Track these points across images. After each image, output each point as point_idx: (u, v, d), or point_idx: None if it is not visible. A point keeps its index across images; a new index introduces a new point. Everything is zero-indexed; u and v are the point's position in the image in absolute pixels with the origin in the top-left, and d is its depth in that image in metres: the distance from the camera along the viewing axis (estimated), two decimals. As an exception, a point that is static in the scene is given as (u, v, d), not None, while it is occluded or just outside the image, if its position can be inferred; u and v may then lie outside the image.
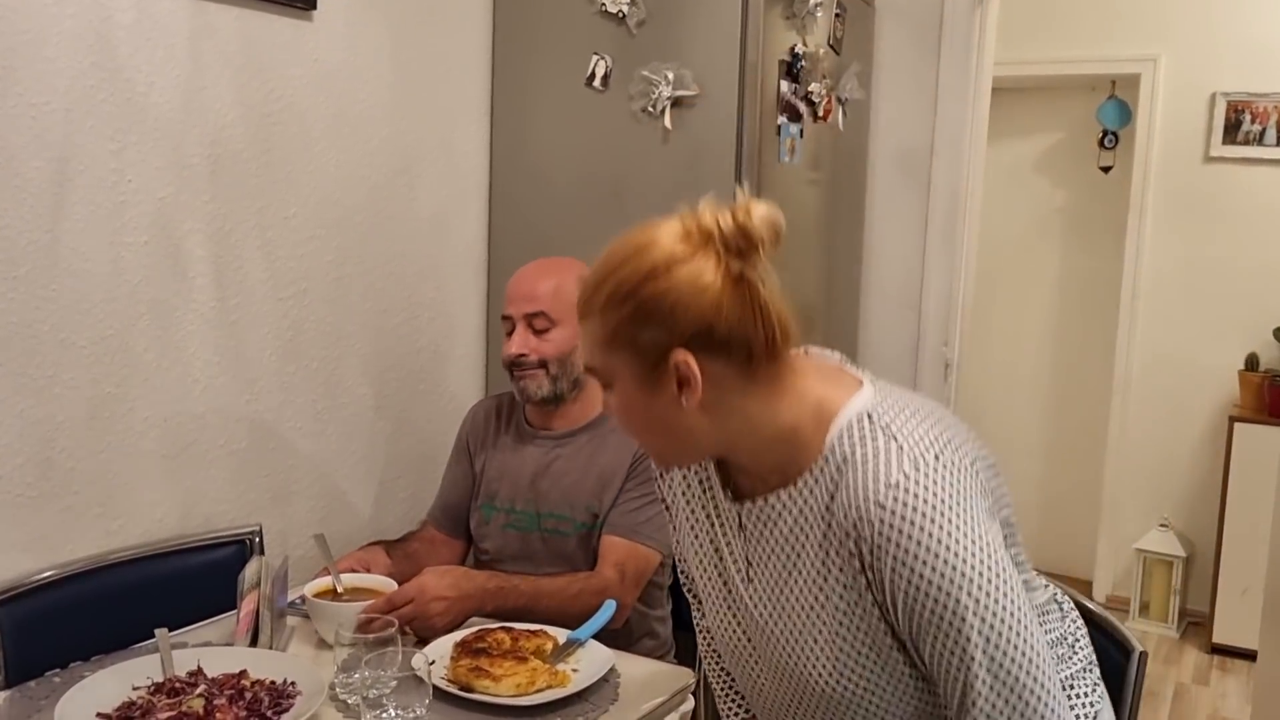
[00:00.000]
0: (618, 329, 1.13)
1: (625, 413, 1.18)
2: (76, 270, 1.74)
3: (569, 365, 2.02)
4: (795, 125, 2.47)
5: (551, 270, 2.05)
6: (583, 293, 1.17)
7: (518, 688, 1.55)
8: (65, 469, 1.76)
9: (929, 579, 1.06)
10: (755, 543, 1.23)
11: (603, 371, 1.17)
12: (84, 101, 1.73)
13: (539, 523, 2.06)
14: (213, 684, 1.48)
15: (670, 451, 1.23)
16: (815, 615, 1.18)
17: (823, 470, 1.14)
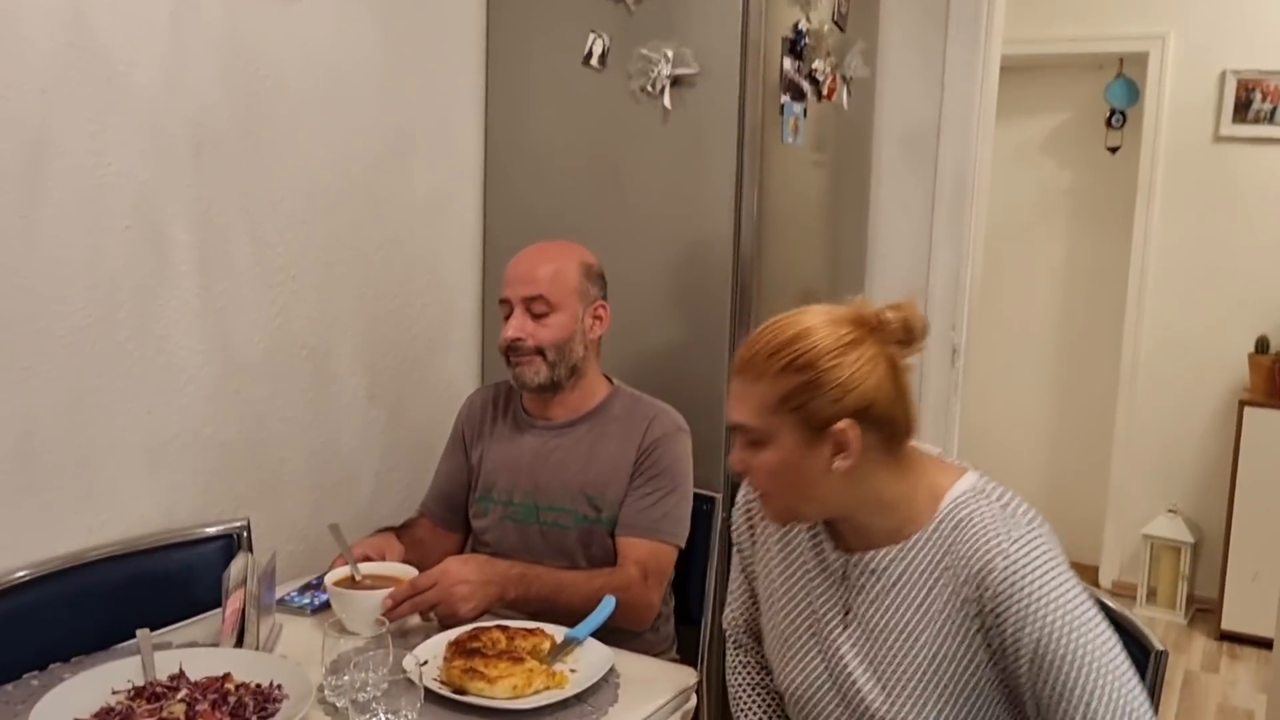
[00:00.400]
0: (791, 394, 1.26)
1: (776, 470, 1.30)
2: (54, 258, 1.67)
3: (567, 352, 1.96)
4: (799, 104, 2.40)
5: (552, 253, 1.99)
6: (752, 356, 1.30)
7: (514, 690, 1.49)
8: (45, 463, 1.70)
9: (1054, 622, 1.19)
10: (857, 592, 1.35)
11: (761, 430, 1.29)
12: (61, 82, 1.66)
13: (537, 515, 2.00)
14: (195, 688, 1.43)
15: (800, 509, 1.35)
16: (914, 660, 1.30)
17: (936, 530, 1.30)
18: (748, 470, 1.34)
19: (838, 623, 1.37)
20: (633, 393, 2.07)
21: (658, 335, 2.34)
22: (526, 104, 2.48)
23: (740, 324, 2.27)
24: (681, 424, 2.03)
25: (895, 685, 1.31)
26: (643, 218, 2.35)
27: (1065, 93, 4.63)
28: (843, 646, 1.36)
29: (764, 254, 2.32)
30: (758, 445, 1.30)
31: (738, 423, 1.31)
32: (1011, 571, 1.21)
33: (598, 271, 2.02)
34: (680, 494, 1.98)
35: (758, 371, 1.29)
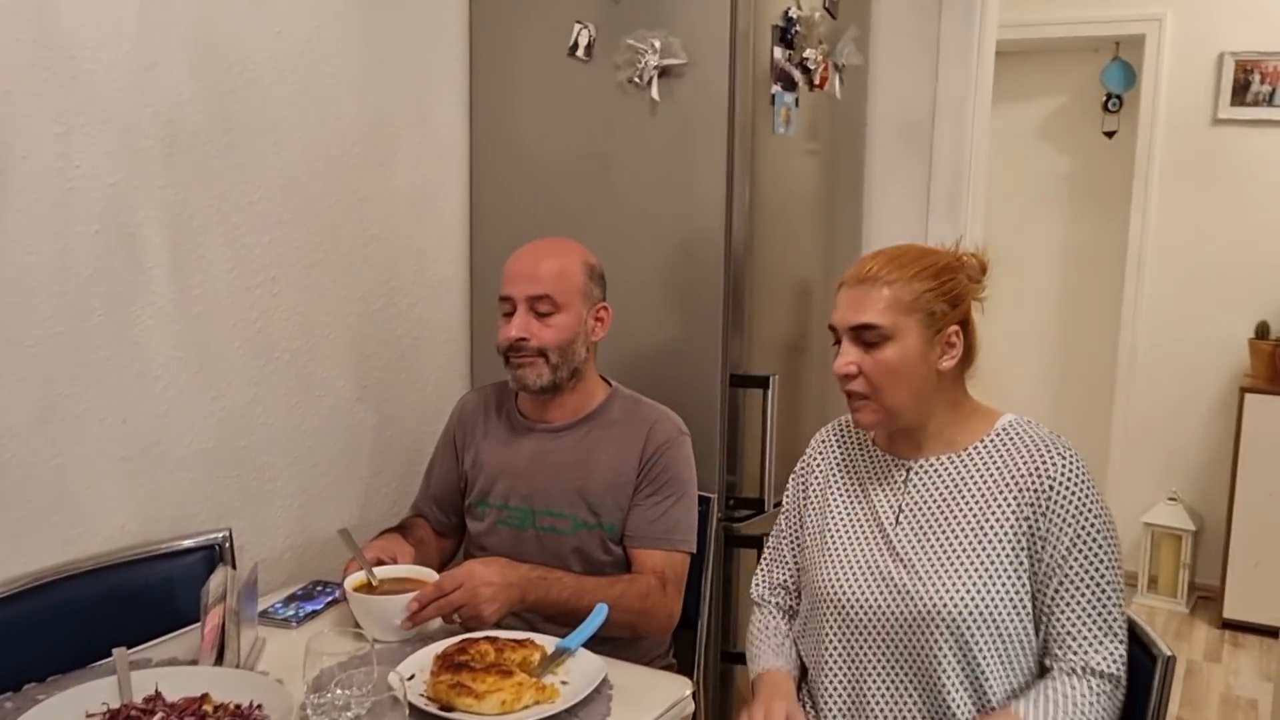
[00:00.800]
0: (921, 297, 1.52)
1: (895, 366, 1.52)
2: (21, 264, 1.62)
3: (570, 354, 1.91)
4: (790, 94, 2.35)
5: (556, 251, 1.94)
6: (883, 264, 1.54)
7: (503, 705, 1.44)
8: (16, 477, 1.65)
9: (1095, 513, 1.49)
10: (914, 493, 1.59)
11: (889, 328, 1.51)
12: (23, 81, 1.60)
13: (534, 520, 1.96)
14: (171, 710, 1.38)
15: (902, 407, 1.56)
16: (963, 547, 1.52)
17: (993, 443, 1.57)
18: (860, 371, 1.53)
19: (892, 523, 1.59)
20: (631, 395, 2.02)
21: (649, 330, 2.29)
22: (512, 96, 2.42)
23: (733, 318, 2.22)
24: (682, 427, 1.99)
25: (946, 568, 1.51)
26: (632, 211, 2.30)
27: (1061, 77, 4.59)
28: (896, 542, 1.57)
29: (756, 247, 2.27)
30: (878, 344, 1.52)
31: (866, 323, 1.52)
32: (1070, 470, 1.50)
33: (600, 272, 1.98)
34: (688, 500, 1.96)
35: (890, 276, 1.52)
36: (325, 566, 2.13)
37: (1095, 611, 1.48)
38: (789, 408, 2.42)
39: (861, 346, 1.53)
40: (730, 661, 2.30)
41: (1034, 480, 1.51)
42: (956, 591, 1.50)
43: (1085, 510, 1.49)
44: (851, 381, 1.55)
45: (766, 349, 2.37)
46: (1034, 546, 1.50)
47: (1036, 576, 1.51)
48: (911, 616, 1.52)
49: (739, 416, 2.27)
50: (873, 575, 1.57)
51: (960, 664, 1.50)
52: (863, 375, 1.54)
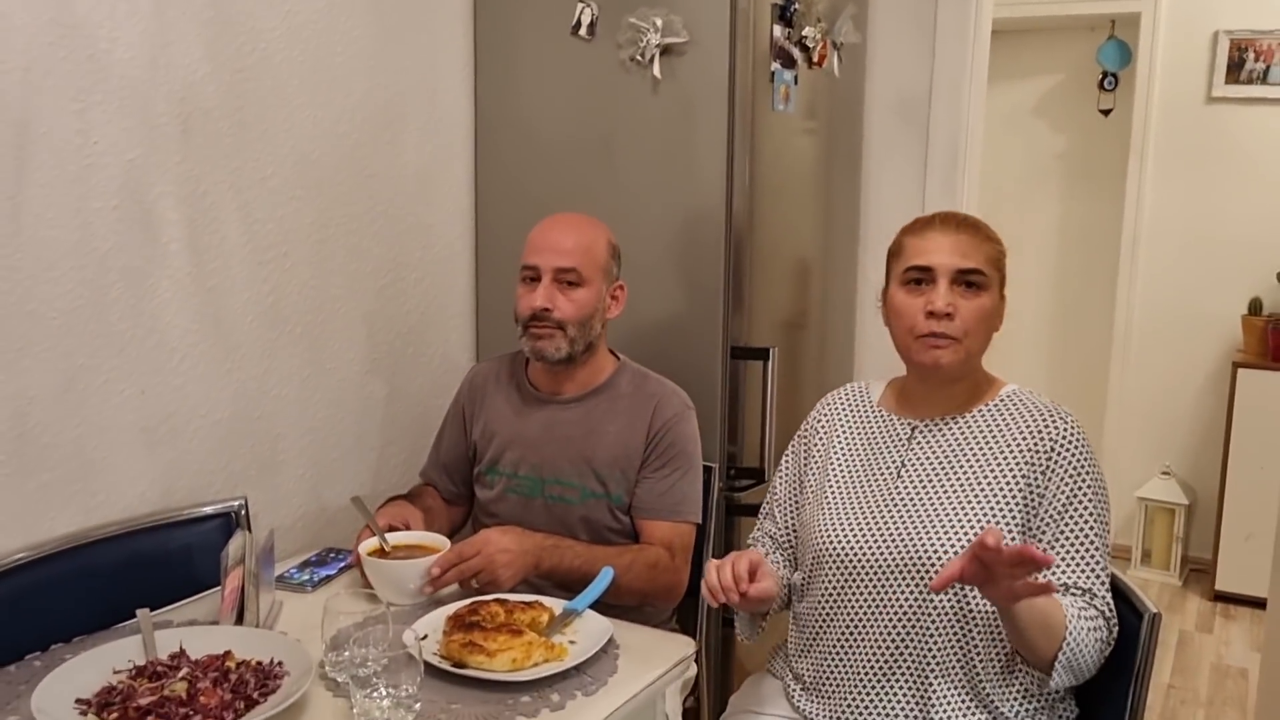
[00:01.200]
0: (1000, 257, 1.65)
1: (985, 315, 1.63)
2: (42, 238, 1.66)
3: (587, 328, 1.95)
4: (789, 72, 2.39)
5: (582, 226, 1.97)
6: (976, 221, 1.66)
7: (513, 663, 1.50)
8: (40, 445, 1.70)
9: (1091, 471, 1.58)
10: (918, 449, 1.67)
11: (988, 278, 1.62)
12: (43, 60, 1.64)
13: (543, 489, 2.01)
14: (196, 666, 1.43)
15: (977, 354, 1.66)
16: (963, 499, 1.59)
17: (996, 408, 1.66)
18: (957, 312, 1.60)
19: (892, 475, 1.66)
20: (638, 369, 2.07)
21: (652, 304, 2.33)
22: (515, 75, 2.46)
23: (733, 292, 2.27)
24: (687, 401, 2.04)
25: (938, 518, 1.58)
26: (634, 188, 2.34)
27: (1057, 55, 4.61)
28: (896, 495, 1.64)
29: (756, 223, 2.32)
30: (978, 291, 1.61)
31: (975, 267, 1.60)
32: (1071, 435, 1.59)
33: (619, 252, 2.02)
34: (694, 473, 2.01)
35: (986, 234, 1.65)
36: (337, 534, 2.18)
37: (1084, 562, 1.55)
38: (787, 384, 2.47)
39: (961, 290, 1.60)
40: (730, 627, 2.35)
41: (1036, 442, 1.58)
42: (952, 539, 1.56)
43: (1083, 473, 1.56)
44: (944, 322, 1.59)
45: (766, 325, 2.42)
46: (1031, 503, 1.57)
47: (1030, 531, 1.57)
48: (909, 564, 1.58)
49: (739, 388, 2.31)
50: (872, 526, 1.63)
51: (953, 613, 1.56)
52: (958, 316, 1.60)
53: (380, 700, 1.38)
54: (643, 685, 1.53)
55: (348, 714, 1.40)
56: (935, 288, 1.60)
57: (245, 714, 1.34)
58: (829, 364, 2.77)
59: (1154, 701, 3.31)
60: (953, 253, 1.61)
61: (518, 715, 1.42)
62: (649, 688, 1.54)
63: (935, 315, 1.60)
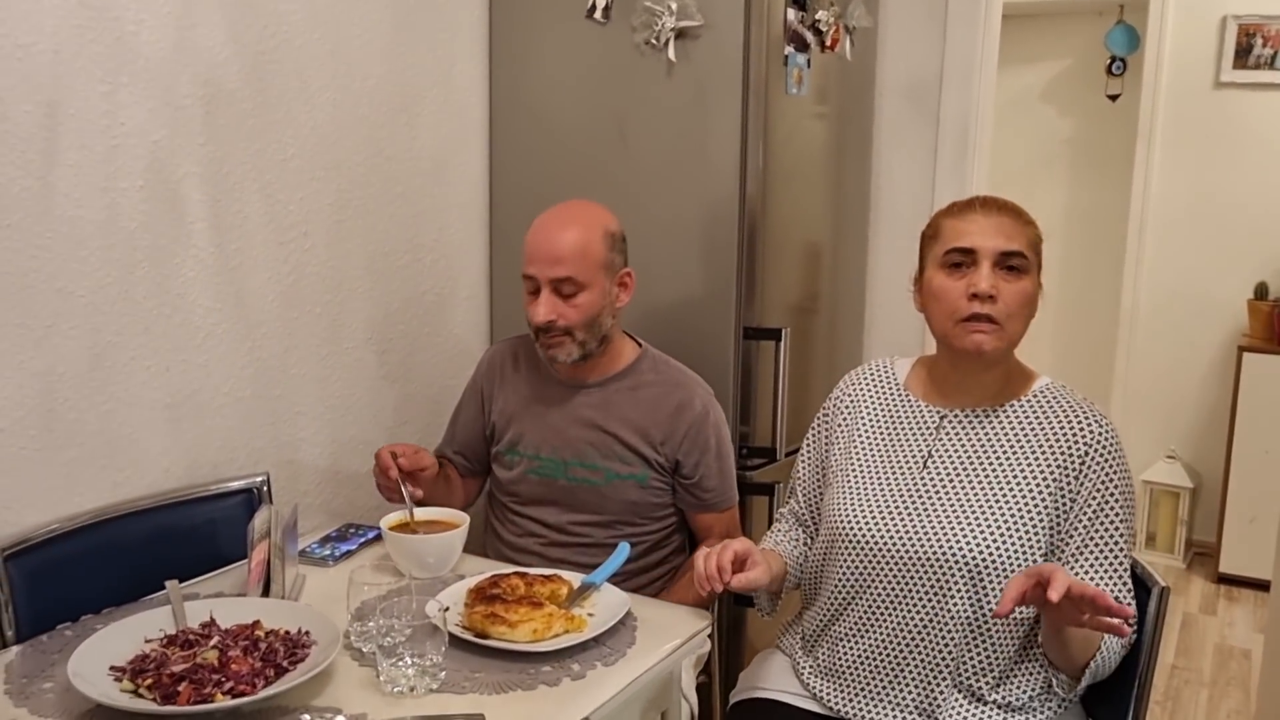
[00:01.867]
0: (1039, 242, 1.62)
1: (1027, 299, 1.59)
2: (71, 217, 1.69)
3: (597, 326, 1.94)
4: (802, 55, 2.41)
5: (575, 223, 1.92)
6: (1016, 206, 1.64)
7: (534, 633, 1.53)
8: (68, 421, 1.73)
9: (1125, 477, 1.58)
10: (946, 440, 1.65)
11: (1030, 261, 1.59)
12: (72, 42, 1.67)
13: (565, 471, 2.03)
14: (226, 635, 1.47)
15: (1018, 338, 1.61)
16: (989, 496, 1.57)
17: (1029, 404, 1.63)
18: (1000, 295, 1.56)
19: (918, 465, 1.65)
20: (659, 355, 2.08)
21: (666, 285, 2.36)
22: (530, 58, 2.48)
23: (746, 274, 2.29)
24: (708, 389, 2.06)
25: (962, 513, 1.57)
26: (648, 171, 2.37)
27: (1065, 40, 4.62)
28: (921, 486, 1.63)
29: (769, 206, 2.34)
30: (1020, 274, 1.58)
31: (1017, 250, 1.58)
32: (1106, 435, 1.58)
33: (620, 236, 1.98)
34: (729, 456, 2.06)
35: (1026, 218, 1.62)
36: (356, 510, 2.22)
37: (1111, 569, 1.55)
38: (798, 367, 2.50)
39: (1003, 273, 1.57)
40: (742, 605, 2.39)
41: (1069, 444, 1.57)
42: (977, 537, 1.55)
43: (1115, 480, 1.55)
44: (988, 304, 1.56)
45: (778, 307, 2.44)
46: (1061, 505, 1.56)
47: (1058, 532, 1.57)
48: (928, 557, 1.57)
49: (752, 369, 2.34)
50: (893, 513, 1.61)
51: (970, 609, 1.55)
52: (1000, 299, 1.56)
53: (405, 669, 1.42)
54: (660, 656, 1.57)
55: (373, 682, 1.44)
56: (978, 270, 1.56)
57: (275, 681, 1.37)
58: (839, 347, 2.80)
59: (1158, 682, 3.34)
60: (996, 234, 1.57)
61: (539, 683, 1.46)
62: (667, 659, 1.58)
63: (979, 297, 1.56)
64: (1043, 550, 1.56)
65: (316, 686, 1.42)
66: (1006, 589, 1.36)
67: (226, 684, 1.34)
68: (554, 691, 1.44)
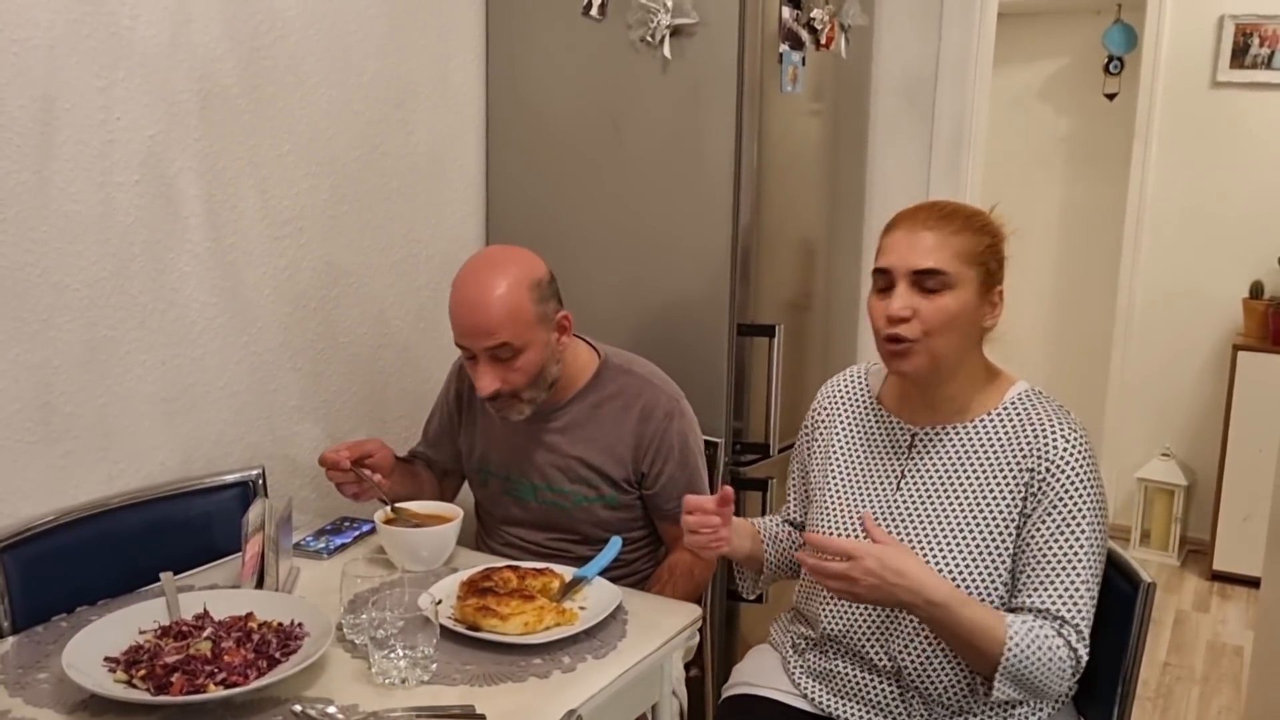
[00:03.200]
0: (984, 252, 1.55)
1: (952, 315, 1.52)
2: (67, 212, 1.70)
3: (543, 378, 1.87)
4: (797, 53, 2.42)
5: (497, 288, 1.79)
6: (950, 212, 1.56)
7: (525, 626, 1.54)
8: (64, 413, 1.74)
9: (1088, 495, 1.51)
10: (918, 460, 1.62)
11: (953, 276, 1.52)
12: (68, 37, 1.68)
13: (536, 494, 2.01)
14: (220, 626, 1.48)
15: (945, 358, 1.55)
16: (960, 522, 1.55)
17: (1002, 414, 1.59)
18: (917, 314, 1.52)
19: (892, 487, 1.63)
20: (621, 364, 2.00)
21: (658, 286, 2.37)
22: (527, 55, 2.49)
23: (740, 270, 2.30)
24: (675, 393, 2.00)
25: (935, 536, 1.56)
26: (643, 168, 2.38)
27: (1063, 39, 4.63)
28: (895, 507, 1.61)
29: (763, 203, 2.35)
30: (938, 292, 1.52)
31: (932, 268, 1.51)
32: (1069, 451, 1.52)
33: (547, 281, 1.86)
34: (697, 460, 2.01)
35: (958, 225, 1.54)
36: (350, 505, 2.22)
37: (1063, 593, 1.50)
38: (792, 364, 2.51)
39: (920, 292, 1.52)
40: (735, 600, 2.40)
41: (1032, 460, 1.53)
42: (949, 561, 1.54)
43: (1076, 498, 1.51)
44: (903, 325, 1.52)
45: (772, 304, 2.45)
46: (1020, 519, 1.54)
47: (1015, 553, 1.54)
48: None
49: (745, 365, 2.35)
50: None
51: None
52: (917, 320, 1.52)
53: (397, 660, 1.44)
54: (651, 649, 1.58)
55: (366, 673, 1.45)
56: (895, 290, 1.54)
57: (268, 672, 1.39)
58: (833, 344, 2.81)
59: (1150, 678, 3.36)
60: (910, 251, 1.52)
61: (530, 676, 1.47)
62: (656, 652, 1.59)
63: (892, 319, 1.53)
64: (1008, 570, 1.54)
65: (309, 678, 1.43)
66: None
67: (219, 675, 1.35)
68: (544, 684, 1.45)
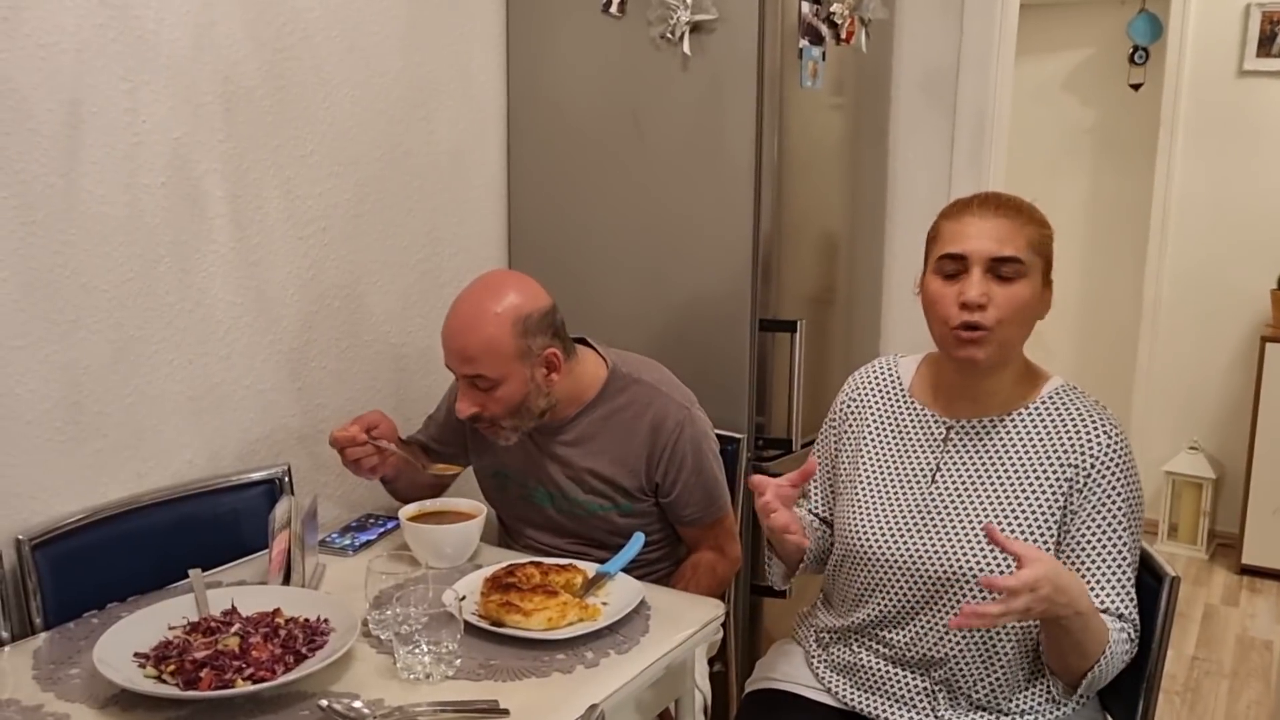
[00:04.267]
0: (1045, 241, 1.56)
1: (1024, 303, 1.53)
2: (95, 213, 1.73)
3: (526, 410, 1.86)
4: (817, 48, 2.41)
5: (479, 318, 1.81)
6: (1017, 203, 1.57)
7: (548, 621, 1.55)
8: (93, 412, 1.76)
9: (1132, 493, 1.53)
10: (953, 452, 1.61)
11: (1027, 264, 1.52)
12: (94, 41, 1.70)
13: (553, 501, 2.01)
14: (247, 622, 1.50)
15: (1016, 346, 1.57)
16: (999, 513, 1.55)
17: (1036, 411, 1.58)
18: (991, 302, 1.51)
19: (927, 480, 1.62)
20: (629, 372, 1.97)
21: (680, 281, 2.38)
22: (547, 52, 2.50)
23: (762, 265, 2.31)
24: (687, 399, 1.97)
25: (973, 531, 1.55)
26: (664, 164, 2.38)
27: (1087, 29, 4.59)
28: (930, 502, 1.60)
29: (784, 198, 2.35)
30: (1012, 280, 1.52)
31: (1012, 255, 1.51)
32: (1112, 448, 1.53)
33: (540, 315, 1.84)
34: (713, 465, 1.98)
35: (1026, 216, 1.55)
36: (375, 501, 2.24)
37: (1118, 590, 1.52)
38: (814, 359, 2.51)
39: (995, 279, 1.51)
40: (759, 594, 2.41)
41: (1074, 456, 1.53)
42: (986, 556, 1.53)
43: (1119, 494, 1.52)
44: (979, 313, 1.51)
45: (793, 300, 2.45)
46: (1066, 518, 1.54)
47: (1062, 549, 1.54)
48: (938, 575, 1.56)
49: (768, 360, 2.36)
50: (903, 529, 1.60)
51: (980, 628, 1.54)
52: (993, 307, 1.51)
53: (422, 655, 1.45)
54: (674, 644, 1.58)
55: (391, 669, 1.46)
56: (969, 277, 1.52)
57: (295, 667, 1.40)
58: (856, 339, 2.81)
59: (1178, 672, 3.34)
60: (987, 239, 1.51)
61: (554, 671, 1.48)
62: (680, 647, 1.59)
63: (969, 306, 1.51)
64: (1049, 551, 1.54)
65: (335, 673, 1.45)
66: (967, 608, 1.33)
67: (247, 670, 1.37)
68: (568, 679, 1.46)
